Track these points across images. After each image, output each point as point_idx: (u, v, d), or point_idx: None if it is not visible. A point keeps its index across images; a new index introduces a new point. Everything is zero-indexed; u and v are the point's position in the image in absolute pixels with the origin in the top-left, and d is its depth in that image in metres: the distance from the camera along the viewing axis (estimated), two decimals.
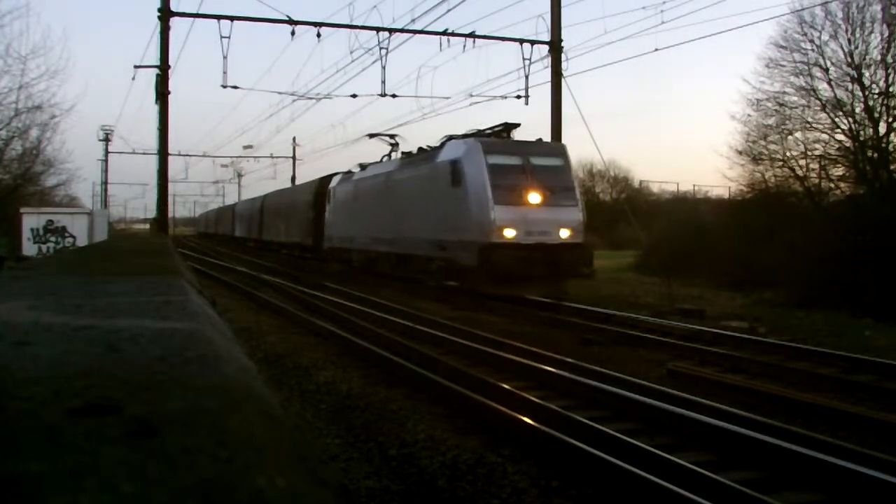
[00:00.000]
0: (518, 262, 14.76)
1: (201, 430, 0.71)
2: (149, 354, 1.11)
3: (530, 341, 10.55)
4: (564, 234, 15.61)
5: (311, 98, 23.46)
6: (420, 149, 19.83)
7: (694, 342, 10.75)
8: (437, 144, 18.33)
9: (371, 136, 23.34)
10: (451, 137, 18.01)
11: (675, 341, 10.83)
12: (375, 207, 21.27)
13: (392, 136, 22.93)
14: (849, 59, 21.21)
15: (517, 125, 17.71)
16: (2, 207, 28.63)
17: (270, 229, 38.13)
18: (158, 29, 18.45)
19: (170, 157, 20.36)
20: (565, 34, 19.86)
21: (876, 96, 21.03)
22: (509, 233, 15.18)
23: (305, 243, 30.20)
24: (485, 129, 17.98)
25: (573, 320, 13.16)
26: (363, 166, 24.04)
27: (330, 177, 27.77)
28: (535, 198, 15.53)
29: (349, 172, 25.32)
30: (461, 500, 5.01)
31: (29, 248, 25.66)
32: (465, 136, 17.84)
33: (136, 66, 20.11)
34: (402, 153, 21.43)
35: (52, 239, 26.45)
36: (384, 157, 22.95)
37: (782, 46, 22.37)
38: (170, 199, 22.22)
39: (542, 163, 16.16)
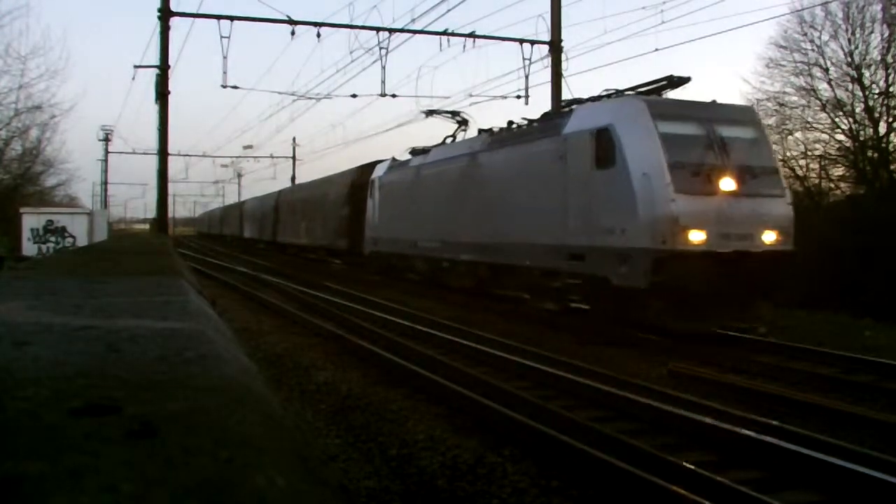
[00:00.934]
0: (714, 281, 10.13)
1: (201, 430, 0.71)
2: (149, 354, 1.11)
3: (531, 342, 10.57)
4: (770, 237, 10.89)
5: (311, 98, 23.42)
6: (509, 122, 15.48)
7: (694, 342, 10.75)
8: (559, 111, 13.67)
9: (428, 113, 19.70)
10: (573, 102, 13.66)
11: (674, 341, 10.82)
12: (451, 201, 16.70)
13: (456, 114, 19.24)
14: (849, 59, 21.25)
15: (687, 79, 12.16)
16: (2, 207, 28.66)
17: (288, 229, 33.74)
18: (158, 29, 18.44)
19: (170, 157, 20.33)
20: (565, 34, 19.85)
21: (876, 96, 21.06)
22: (697, 236, 10.42)
23: (337, 246, 25.73)
24: (634, 87, 12.67)
25: (573, 321, 13.13)
26: (418, 151, 19.69)
27: (372, 165, 23.28)
28: (728, 184, 10.78)
29: (397, 160, 21.21)
30: (461, 500, 5.01)
31: (29, 248, 25.67)
32: (600, 97, 12.92)
33: (136, 66, 20.13)
34: (480, 131, 17.01)
35: (52, 239, 26.46)
36: (447, 138, 19.09)
37: (782, 46, 22.44)
38: (170, 199, 22.19)
39: (732, 133, 11.33)
